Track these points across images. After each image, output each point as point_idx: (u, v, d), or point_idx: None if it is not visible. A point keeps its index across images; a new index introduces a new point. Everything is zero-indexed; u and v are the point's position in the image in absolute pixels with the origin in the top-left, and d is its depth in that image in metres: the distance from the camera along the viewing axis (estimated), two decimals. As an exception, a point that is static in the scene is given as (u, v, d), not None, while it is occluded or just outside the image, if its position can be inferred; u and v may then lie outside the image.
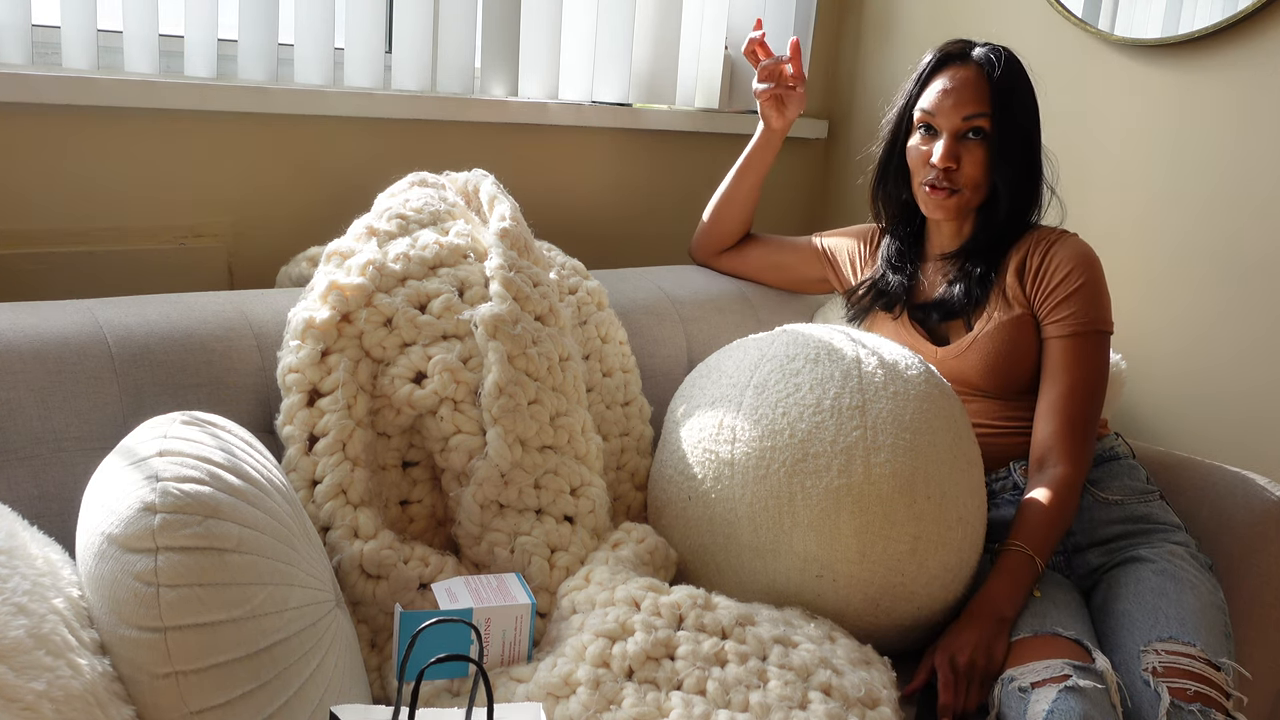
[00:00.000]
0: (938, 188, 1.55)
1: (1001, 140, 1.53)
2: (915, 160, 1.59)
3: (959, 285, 1.59)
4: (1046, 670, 1.24)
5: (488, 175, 1.56)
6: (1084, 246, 1.56)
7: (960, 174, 1.54)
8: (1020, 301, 1.55)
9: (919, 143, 1.58)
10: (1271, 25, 1.76)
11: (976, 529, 1.40)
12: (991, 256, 1.59)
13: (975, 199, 1.57)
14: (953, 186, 1.55)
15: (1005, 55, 1.55)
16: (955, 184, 1.55)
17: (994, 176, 1.55)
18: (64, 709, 0.84)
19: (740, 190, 1.83)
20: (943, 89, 1.55)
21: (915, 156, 1.59)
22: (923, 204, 1.59)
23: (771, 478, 1.34)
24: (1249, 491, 1.56)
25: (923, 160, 1.57)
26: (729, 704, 1.14)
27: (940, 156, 1.53)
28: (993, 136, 1.53)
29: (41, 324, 1.23)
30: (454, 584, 1.22)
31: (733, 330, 1.75)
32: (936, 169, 1.54)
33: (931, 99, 1.56)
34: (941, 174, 1.54)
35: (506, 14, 1.84)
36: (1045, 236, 1.57)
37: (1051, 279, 1.53)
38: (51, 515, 1.14)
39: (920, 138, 1.58)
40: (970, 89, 1.53)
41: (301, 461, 1.27)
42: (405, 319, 1.34)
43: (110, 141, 1.52)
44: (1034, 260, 1.55)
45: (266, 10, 1.58)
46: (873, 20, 2.32)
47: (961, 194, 1.55)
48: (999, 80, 1.53)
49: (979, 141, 1.54)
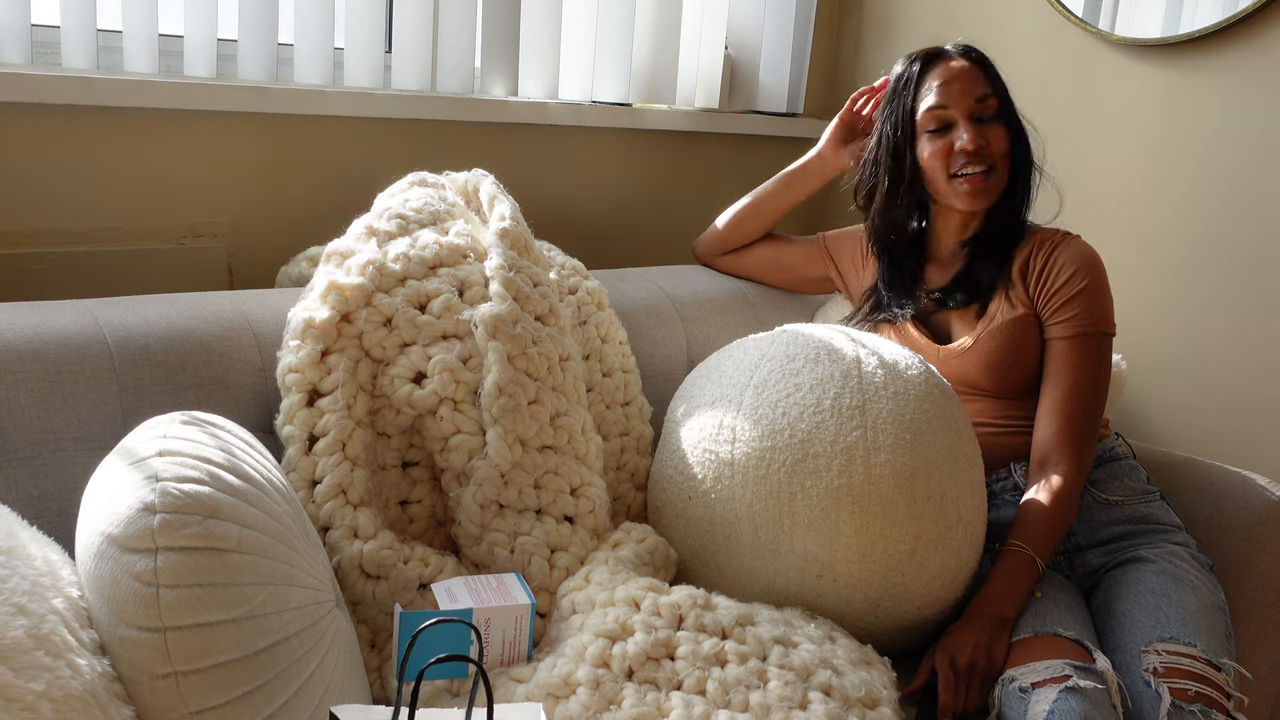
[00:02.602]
0: (972, 175, 1.53)
1: (1010, 119, 1.56)
2: (936, 160, 1.55)
3: (978, 264, 1.58)
4: (1047, 670, 1.24)
5: (488, 175, 1.56)
6: (1087, 248, 1.56)
7: (991, 150, 1.53)
8: (1023, 302, 1.55)
9: (933, 143, 1.56)
10: (1271, 25, 1.76)
11: (976, 529, 1.40)
12: (1004, 242, 1.58)
13: (1002, 184, 1.56)
14: (987, 165, 1.53)
15: (976, 48, 1.59)
16: (989, 161, 1.53)
17: (1011, 155, 1.55)
18: (63, 709, 0.84)
19: (778, 200, 1.82)
20: (944, 81, 1.55)
21: (935, 155, 1.55)
22: (957, 199, 1.55)
23: (771, 478, 1.34)
24: (1250, 492, 1.56)
25: (945, 154, 1.54)
26: (729, 704, 1.13)
27: (970, 138, 1.52)
28: (1004, 115, 1.55)
29: (41, 324, 1.23)
30: (454, 584, 1.22)
31: (733, 330, 1.75)
32: (968, 153, 1.52)
33: (935, 95, 1.55)
34: (973, 157, 1.52)
35: (506, 14, 1.84)
36: (1049, 238, 1.57)
37: (1055, 280, 1.53)
38: (51, 515, 1.14)
39: (931, 138, 1.56)
40: (969, 75, 1.55)
41: (301, 461, 1.27)
42: (405, 319, 1.34)
43: (110, 141, 1.52)
44: (1037, 261, 1.55)
45: (266, 10, 1.58)
46: (873, 20, 2.32)
47: (994, 174, 1.54)
48: (990, 67, 1.57)
49: (993, 120, 1.54)
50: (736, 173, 2.22)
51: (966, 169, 1.53)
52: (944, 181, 1.56)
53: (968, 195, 1.54)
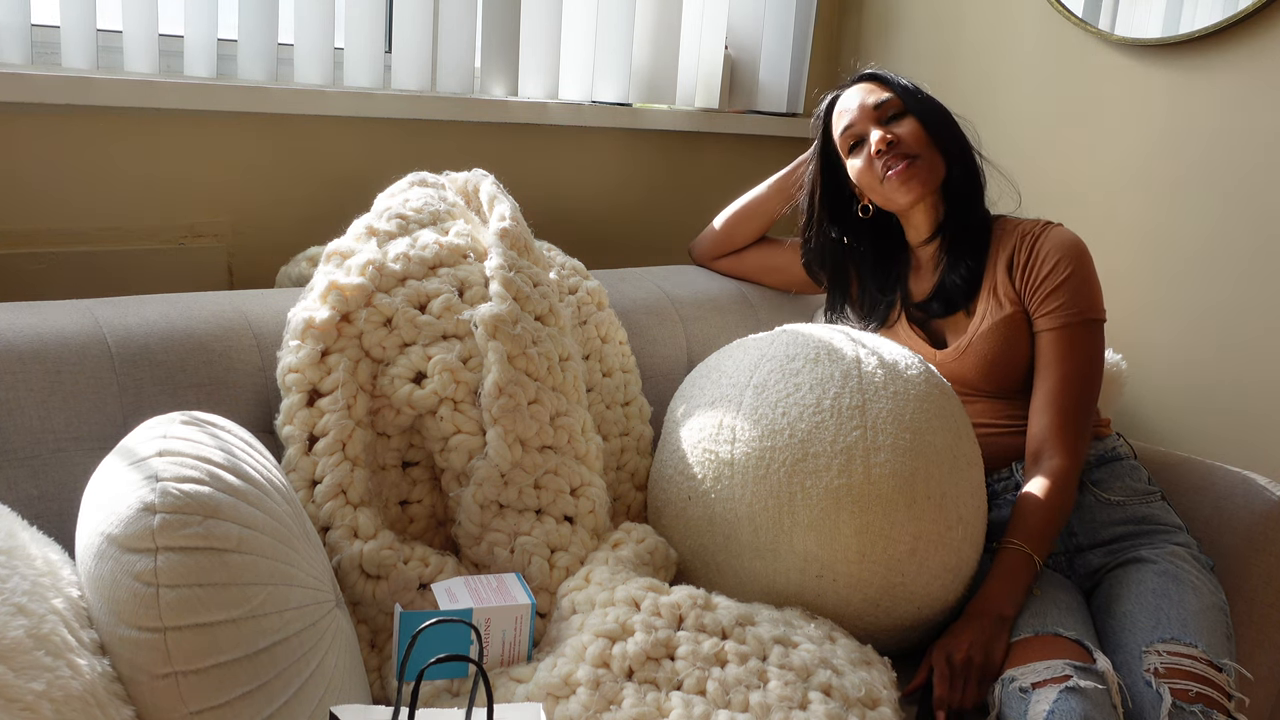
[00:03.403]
0: (894, 167, 1.54)
1: (920, 111, 1.57)
2: (864, 172, 1.59)
3: (952, 270, 1.59)
4: (1047, 670, 1.24)
5: (488, 175, 1.56)
6: (1070, 236, 1.55)
7: (903, 143, 1.55)
8: (1011, 299, 1.55)
9: (854, 160, 1.60)
10: (1271, 25, 1.76)
11: (976, 529, 1.40)
12: (972, 234, 1.59)
13: (935, 168, 1.57)
14: (906, 153, 1.54)
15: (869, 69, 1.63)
16: (907, 150, 1.55)
17: (936, 143, 1.56)
18: (63, 709, 0.84)
19: (768, 205, 1.83)
20: (845, 106, 1.61)
21: (862, 170, 1.59)
22: (893, 193, 1.57)
23: (771, 478, 1.34)
24: (1250, 492, 1.56)
25: (869, 163, 1.57)
26: (729, 704, 1.13)
27: (878, 139, 1.55)
28: (910, 109, 1.57)
29: (41, 324, 1.23)
30: (454, 584, 1.22)
31: (733, 330, 1.75)
32: (881, 151, 1.55)
33: (841, 120, 1.61)
34: (889, 153, 1.54)
35: (506, 14, 1.84)
36: (1030, 229, 1.57)
37: (1039, 271, 1.53)
38: (51, 515, 1.14)
39: (852, 158, 1.61)
40: (867, 92, 1.60)
41: (301, 461, 1.27)
42: (405, 319, 1.34)
43: (110, 141, 1.52)
44: (1021, 255, 1.55)
45: (266, 10, 1.58)
46: (873, 20, 2.32)
47: (919, 159, 1.55)
48: (884, 74, 1.61)
49: (902, 117, 1.57)
50: (736, 173, 2.22)
51: (889, 165, 1.55)
52: (878, 187, 1.58)
53: (900, 185, 1.55)
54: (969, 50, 2.15)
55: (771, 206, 1.82)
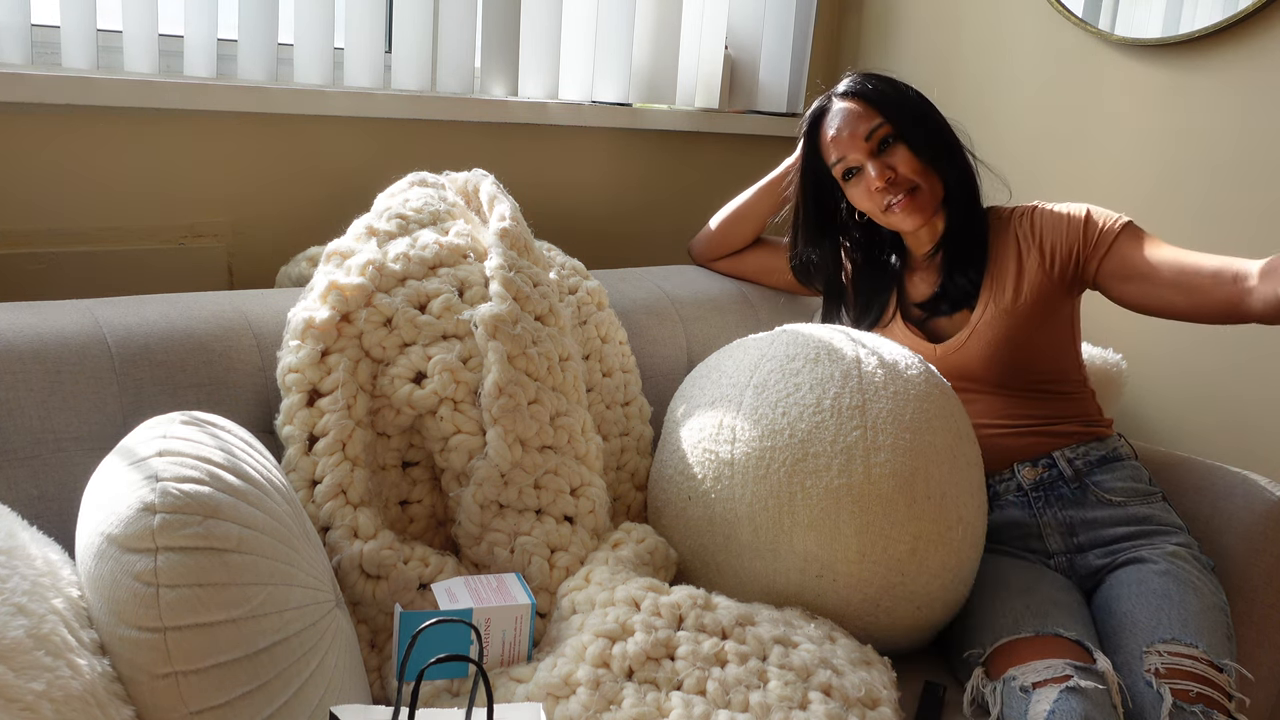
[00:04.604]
0: (898, 201, 1.55)
1: (910, 133, 1.56)
2: (865, 201, 1.60)
3: (959, 274, 1.60)
4: (1048, 670, 1.24)
5: (488, 175, 1.56)
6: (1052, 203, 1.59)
7: (901, 176, 1.55)
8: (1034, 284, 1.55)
9: (854, 188, 1.60)
10: (1271, 25, 1.76)
11: (976, 529, 1.40)
12: (973, 235, 1.60)
13: (935, 191, 1.58)
14: (907, 186, 1.55)
15: (860, 73, 1.61)
16: (906, 184, 1.55)
17: (931, 164, 1.56)
18: (63, 709, 0.84)
19: (759, 208, 1.83)
20: (833, 135, 1.59)
21: (863, 198, 1.60)
22: (899, 223, 1.59)
23: (771, 478, 1.34)
24: (1250, 492, 1.56)
25: (869, 192, 1.58)
26: (729, 704, 1.13)
27: (876, 175, 1.55)
28: (901, 134, 1.56)
29: (41, 324, 1.23)
30: (454, 584, 1.22)
31: (733, 330, 1.75)
32: (880, 189, 1.55)
33: (832, 150, 1.60)
34: (889, 188, 1.55)
35: (506, 14, 1.84)
36: (1018, 213, 1.60)
37: (1060, 231, 1.55)
38: (51, 515, 1.14)
39: (851, 186, 1.60)
40: (853, 115, 1.58)
41: (301, 461, 1.27)
42: (405, 319, 1.34)
43: (110, 141, 1.52)
44: (1030, 236, 1.57)
45: (266, 10, 1.58)
46: (873, 20, 2.32)
47: (919, 190, 1.56)
48: (870, 92, 1.58)
49: (894, 145, 1.56)
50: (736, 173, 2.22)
51: (890, 198, 1.56)
52: (881, 215, 1.60)
53: (905, 217, 1.57)
54: (969, 50, 2.15)
55: (763, 210, 1.83)
